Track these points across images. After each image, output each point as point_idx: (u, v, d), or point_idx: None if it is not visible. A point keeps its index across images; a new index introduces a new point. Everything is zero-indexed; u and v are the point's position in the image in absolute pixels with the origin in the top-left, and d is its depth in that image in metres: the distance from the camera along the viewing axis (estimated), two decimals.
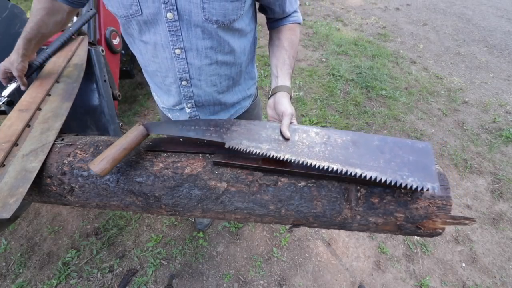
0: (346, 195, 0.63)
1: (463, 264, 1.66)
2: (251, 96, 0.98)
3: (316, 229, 1.79)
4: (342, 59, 3.31)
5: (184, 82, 0.77)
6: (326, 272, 1.60)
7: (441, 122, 2.59)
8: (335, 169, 0.57)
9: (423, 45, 3.70)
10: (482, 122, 2.59)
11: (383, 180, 0.55)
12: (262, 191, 0.65)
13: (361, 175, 0.56)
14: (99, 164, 0.59)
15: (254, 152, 0.61)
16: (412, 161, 0.57)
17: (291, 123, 0.66)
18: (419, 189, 0.54)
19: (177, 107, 0.88)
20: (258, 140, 0.63)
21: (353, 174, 0.56)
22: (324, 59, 3.30)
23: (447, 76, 3.18)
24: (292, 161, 0.59)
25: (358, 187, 0.63)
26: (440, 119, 2.61)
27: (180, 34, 0.66)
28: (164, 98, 0.89)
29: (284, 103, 0.69)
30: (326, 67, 3.17)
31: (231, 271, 1.59)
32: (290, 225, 0.70)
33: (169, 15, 0.62)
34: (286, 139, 0.62)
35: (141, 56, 0.77)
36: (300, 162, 0.59)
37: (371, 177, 0.55)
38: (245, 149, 0.62)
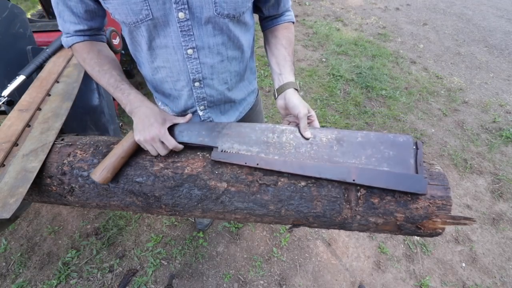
0: (346, 195, 0.63)
1: (463, 264, 1.66)
2: (254, 91, 0.99)
3: (316, 229, 1.79)
4: (342, 59, 3.31)
5: (197, 83, 0.76)
6: (326, 272, 1.60)
7: (441, 122, 2.59)
8: None
9: (423, 45, 3.70)
10: (482, 122, 2.59)
11: None
12: (262, 191, 0.65)
13: None
14: (101, 173, 0.64)
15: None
16: (392, 156, 0.61)
17: (310, 115, 0.70)
18: None
19: (189, 111, 0.86)
20: (248, 143, 0.68)
21: None
22: (324, 59, 3.30)
23: (447, 76, 3.17)
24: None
25: (358, 187, 0.63)
26: (440, 119, 2.61)
27: (192, 33, 0.66)
28: (173, 105, 0.87)
29: (295, 103, 0.70)
30: (326, 67, 3.17)
31: (231, 271, 1.59)
32: (290, 225, 0.70)
33: (181, 14, 0.62)
34: (307, 139, 0.67)
35: (148, 66, 0.76)
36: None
37: None
38: (236, 152, 0.66)
